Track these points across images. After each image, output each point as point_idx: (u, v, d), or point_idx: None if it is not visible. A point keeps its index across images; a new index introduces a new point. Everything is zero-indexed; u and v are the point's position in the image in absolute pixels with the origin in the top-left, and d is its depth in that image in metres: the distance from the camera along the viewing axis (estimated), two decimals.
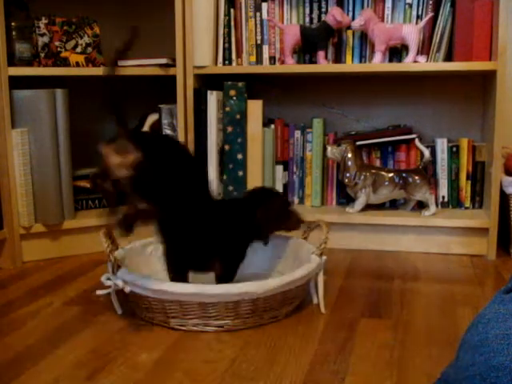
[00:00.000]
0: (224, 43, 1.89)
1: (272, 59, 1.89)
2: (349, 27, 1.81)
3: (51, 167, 1.68)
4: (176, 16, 1.78)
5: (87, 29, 1.81)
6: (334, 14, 1.75)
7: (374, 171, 1.81)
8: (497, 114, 1.65)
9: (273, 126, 1.93)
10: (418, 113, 2.00)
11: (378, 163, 1.91)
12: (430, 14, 1.74)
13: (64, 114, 1.70)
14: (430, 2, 1.75)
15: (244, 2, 1.87)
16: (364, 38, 1.82)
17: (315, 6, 1.84)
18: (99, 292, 1.24)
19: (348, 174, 1.81)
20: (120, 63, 1.85)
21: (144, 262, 1.43)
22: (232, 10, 1.88)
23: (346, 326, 1.21)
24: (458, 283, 1.49)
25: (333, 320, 1.24)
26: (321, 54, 1.81)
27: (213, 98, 1.82)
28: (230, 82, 1.84)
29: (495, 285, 1.49)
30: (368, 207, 1.85)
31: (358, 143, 1.86)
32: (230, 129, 1.85)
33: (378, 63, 1.76)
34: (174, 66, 1.82)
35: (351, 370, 1.02)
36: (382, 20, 1.80)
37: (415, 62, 1.74)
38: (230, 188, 1.88)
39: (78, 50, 1.80)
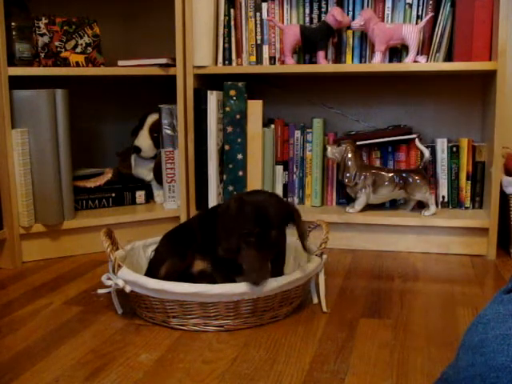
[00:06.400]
0: (224, 43, 1.89)
1: (272, 59, 1.88)
2: (349, 27, 1.81)
3: (51, 167, 1.68)
4: (176, 16, 1.78)
5: (87, 29, 1.81)
6: (334, 14, 1.75)
7: (374, 171, 1.81)
8: (497, 114, 1.65)
9: (273, 126, 1.93)
10: (418, 113, 2.00)
11: (378, 163, 1.91)
12: (430, 14, 1.74)
13: (64, 113, 1.69)
14: (430, 2, 1.75)
15: (244, 2, 1.87)
16: (364, 37, 1.82)
17: (315, 5, 1.84)
18: (100, 291, 1.24)
19: (348, 174, 1.81)
20: (120, 63, 1.85)
21: (145, 262, 1.43)
22: (232, 10, 1.88)
23: (346, 326, 1.21)
24: (458, 283, 1.49)
25: (333, 320, 1.24)
26: (321, 54, 1.81)
27: (213, 98, 1.82)
28: (229, 82, 1.84)
29: (495, 285, 1.49)
30: (368, 207, 1.85)
31: (358, 143, 1.86)
32: (229, 129, 1.85)
33: (378, 63, 1.76)
34: (174, 65, 1.82)
35: (351, 370, 1.02)
36: (382, 20, 1.80)
37: (415, 61, 1.74)
38: (230, 188, 1.88)
39: (78, 50, 1.80)
